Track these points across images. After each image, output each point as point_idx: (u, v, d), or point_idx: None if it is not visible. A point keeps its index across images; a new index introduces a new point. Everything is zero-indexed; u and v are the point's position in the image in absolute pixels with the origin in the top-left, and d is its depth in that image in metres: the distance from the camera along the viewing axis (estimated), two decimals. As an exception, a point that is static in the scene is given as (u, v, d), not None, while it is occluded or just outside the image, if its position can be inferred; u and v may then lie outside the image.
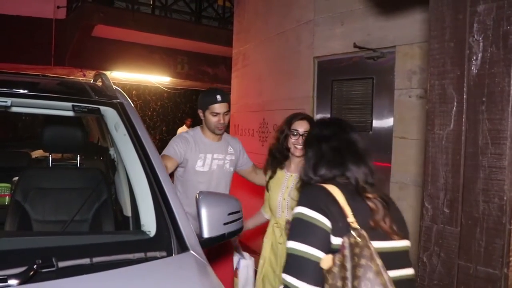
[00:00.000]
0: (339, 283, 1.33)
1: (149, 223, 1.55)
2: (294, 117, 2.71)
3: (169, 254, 1.43)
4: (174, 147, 2.84)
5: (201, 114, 2.97)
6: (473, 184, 1.41)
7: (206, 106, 2.89)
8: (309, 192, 1.54)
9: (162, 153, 2.81)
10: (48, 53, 8.83)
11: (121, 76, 10.32)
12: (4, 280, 1.12)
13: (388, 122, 3.64)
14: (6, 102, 1.81)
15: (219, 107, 2.86)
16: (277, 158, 2.76)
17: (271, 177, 2.78)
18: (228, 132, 5.59)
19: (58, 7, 8.96)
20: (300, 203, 1.49)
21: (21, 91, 1.92)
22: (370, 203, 1.53)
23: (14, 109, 2.05)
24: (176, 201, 1.62)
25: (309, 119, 2.72)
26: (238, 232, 1.74)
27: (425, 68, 3.10)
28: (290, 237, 1.45)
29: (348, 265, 1.34)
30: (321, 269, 1.38)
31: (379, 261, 1.35)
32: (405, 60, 3.45)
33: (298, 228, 1.45)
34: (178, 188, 2.95)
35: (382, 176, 3.14)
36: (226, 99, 2.91)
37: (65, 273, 1.21)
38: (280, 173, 2.75)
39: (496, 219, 1.35)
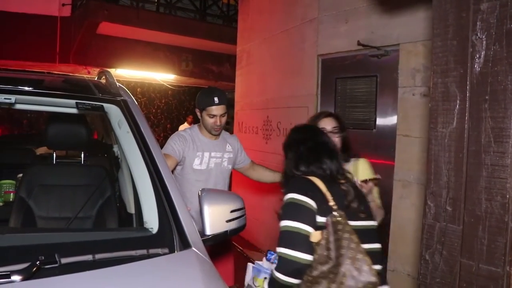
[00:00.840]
0: (325, 252, 1.71)
1: (151, 220, 1.56)
2: (318, 116, 2.58)
3: (171, 251, 1.43)
4: (172, 145, 2.84)
5: (198, 113, 2.96)
6: (475, 182, 1.40)
7: (203, 107, 2.88)
8: (297, 182, 1.90)
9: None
10: (53, 50, 8.88)
11: (126, 73, 10.35)
12: (8, 276, 1.13)
13: (392, 120, 3.64)
14: (10, 99, 1.82)
15: (216, 110, 2.84)
16: None
17: None
18: (232, 130, 5.62)
19: (63, 4, 9.00)
20: (290, 190, 1.84)
21: (25, 88, 1.93)
22: (343, 187, 1.92)
23: (18, 106, 2.05)
24: (178, 199, 1.62)
25: (334, 115, 2.59)
26: (241, 229, 1.74)
27: (429, 66, 3.09)
28: (284, 217, 1.79)
29: (332, 238, 1.72)
30: (311, 242, 1.73)
31: (356, 236, 1.71)
32: (409, 58, 3.44)
33: (290, 210, 1.80)
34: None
35: (385, 174, 3.13)
36: (223, 101, 2.87)
37: (67, 269, 1.21)
38: None
39: (499, 217, 1.35)
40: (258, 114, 5.60)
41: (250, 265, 2.15)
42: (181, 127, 12.09)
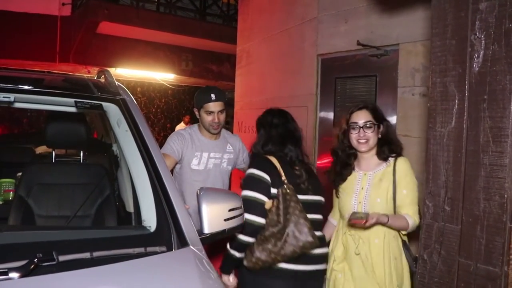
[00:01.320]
0: (275, 217, 2.16)
1: (149, 218, 1.56)
2: (352, 109, 2.37)
3: (169, 249, 1.44)
4: (171, 145, 2.82)
5: (196, 113, 2.94)
6: (474, 182, 1.41)
7: (200, 105, 2.86)
8: (258, 160, 2.34)
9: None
10: (53, 49, 8.89)
11: (126, 73, 10.35)
12: (5, 273, 1.13)
13: (391, 120, 3.63)
14: (9, 97, 1.82)
15: (213, 106, 2.82)
16: (342, 158, 2.39)
17: (338, 181, 2.41)
18: (231, 130, 5.61)
19: (63, 4, 9.01)
20: (251, 166, 2.32)
21: (24, 87, 1.93)
22: (296, 172, 2.32)
23: (17, 105, 2.05)
24: (177, 197, 1.63)
25: (369, 108, 2.33)
26: (239, 228, 1.74)
27: (428, 66, 3.10)
28: (244, 188, 2.24)
29: (281, 206, 2.16)
30: (265, 208, 2.19)
31: (300, 205, 2.17)
32: (408, 57, 3.44)
33: (249, 182, 2.25)
34: (175, 185, 2.93)
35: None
36: (221, 97, 2.86)
37: (65, 267, 1.22)
38: (350, 174, 2.38)
39: (497, 217, 1.35)
40: (258, 114, 5.58)
41: None
42: (178, 127, 12.07)
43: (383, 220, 2.07)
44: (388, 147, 2.30)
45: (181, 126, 12.25)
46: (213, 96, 2.82)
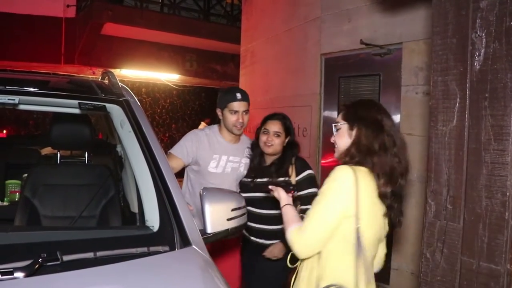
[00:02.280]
0: None
1: (152, 219, 1.57)
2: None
3: (172, 248, 1.44)
4: (184, 146, 2.74)
5: (219, 113, 2.84)
6: (476, 180, 1.40)
7: (225, 104, 2.77)
8: None
9: (169, 151, 2.77)
10: (58, 51, 8.93)
11: (130, 73, 10.38)
12: (11, 272, 1.15)
13: (395, 118, 3.63)
14: (14, 100, 1.84)
15: (238, 105, 2.75)
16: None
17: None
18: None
19: (68, 6, 9.04)
20: None
21: (29, 89, 1.95)
22: None
23: (22, 107, 2.07)
24: (179, 197, 1.64)
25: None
26: (242, 228, 1.75)
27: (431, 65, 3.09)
28: None
29: None
30: None
31: None
32: (411, 56, 3.43)
33: None
34: (188, 186, 2.86)
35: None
36: (246, 98, 2.82)
37: (69, 267, 1.23)
38: None
39: (499, 215, 1.35)
40: (262, 113, 5.55)
41: None
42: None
43: (280, 197, 1.89)
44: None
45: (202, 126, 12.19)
46: (238, 95, 2.77)
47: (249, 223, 2.52)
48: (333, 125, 1.92)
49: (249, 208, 2.57)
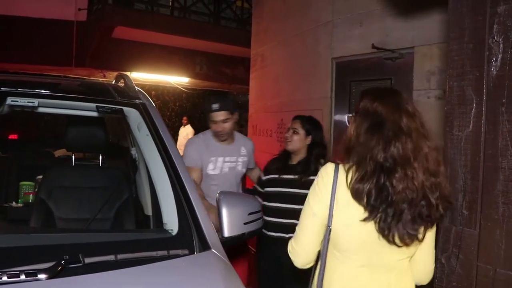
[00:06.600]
0: None
1: (171, 222, 1.58)
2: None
3: (191, 252, 1.46)
4: (191, 156, 2.88)
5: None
6: (492, 185, 1.40)
7: (207, 113, 2.94)
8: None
9: None
10: (69, 54, 9.00)
11: (141, 76, 10.44)
12: (34, 274, 1.16)
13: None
14: (33, 102, 1.87)
15: (215, 115, 2.86)
16: None
17: None
18: (246, 133, 5.64)
19: (79, 9, 9.13)
20: None
21: (48, 92, 1.98)
22: None
23: (41, 110, 2.11)
24: (197, 201, 1.65)
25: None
26: (258, 232, 1.76)
27: (444, 69, 3.08)
28: None
29: None
30: None
31: None
32: (423, 60, 3.42)
33: None
34: None
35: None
36: (224, 107, 2.87)
37: (91, 269, 1.25)
38: None
39: (516, 221, 1.34)
40: (272, 117, 5.61)
41: None
42: (182, 130, 12.21)
43: None
44: None
45: (186, 129, 12.39)
46: (214, 106, 2.87)
47: (268, 218, 2.78)
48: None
49: (272, 204, 2.87)
